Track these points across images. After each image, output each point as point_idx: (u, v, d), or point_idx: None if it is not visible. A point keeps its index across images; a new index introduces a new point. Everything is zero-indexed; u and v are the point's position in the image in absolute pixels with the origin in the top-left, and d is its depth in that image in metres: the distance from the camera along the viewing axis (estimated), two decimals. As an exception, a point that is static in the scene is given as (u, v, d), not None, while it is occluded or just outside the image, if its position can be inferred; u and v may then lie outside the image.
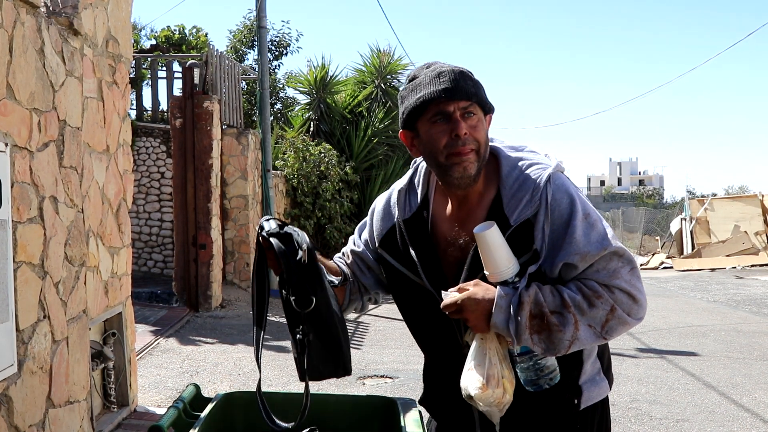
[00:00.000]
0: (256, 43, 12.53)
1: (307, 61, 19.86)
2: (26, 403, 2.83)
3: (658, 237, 22.49)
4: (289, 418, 1.73)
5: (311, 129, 13.92)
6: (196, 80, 8.84)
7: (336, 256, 1.96)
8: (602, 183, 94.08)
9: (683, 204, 19.92)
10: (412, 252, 1.71)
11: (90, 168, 3.77)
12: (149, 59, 11.14)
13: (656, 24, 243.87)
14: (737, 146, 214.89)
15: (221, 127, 9.53)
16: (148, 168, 9.99)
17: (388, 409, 1.72)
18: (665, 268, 17.66)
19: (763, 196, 17.81)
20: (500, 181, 1.65)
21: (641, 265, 19.16)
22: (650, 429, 4.69)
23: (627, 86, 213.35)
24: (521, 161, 1.66)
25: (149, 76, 10.99)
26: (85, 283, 3.57)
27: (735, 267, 16.29)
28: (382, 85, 14.67)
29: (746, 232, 17.24)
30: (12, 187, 2.74)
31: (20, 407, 2.77)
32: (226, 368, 6.01)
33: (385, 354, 6.68)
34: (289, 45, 16.18)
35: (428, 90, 1.61)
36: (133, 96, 10.83)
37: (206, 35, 14.39)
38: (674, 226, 19.65)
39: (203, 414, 1.64)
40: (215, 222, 8.96)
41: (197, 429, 1.54)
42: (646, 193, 63.66)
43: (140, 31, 14.43)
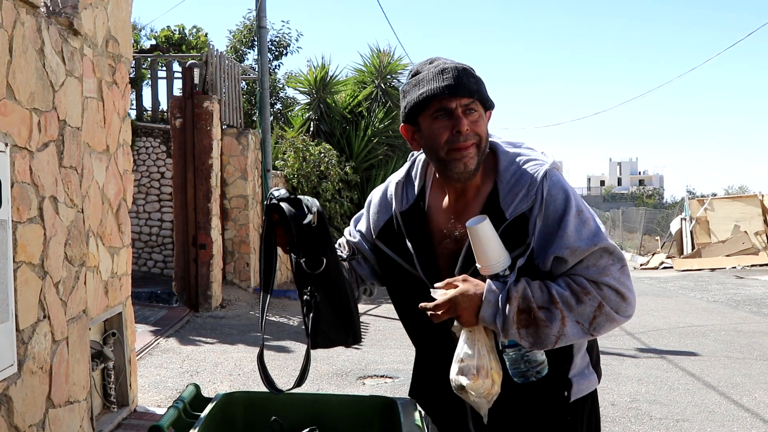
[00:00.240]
0: (256, 43, 12.54)
1: (307, 61, 19.89)
2: (26, 403, 2.83)
3: (658, 237, 22.48)
4: (289, 418, 1.73)
5: (311, 129, 13.92)
6: (196, 80, 8.84)
7: None
8: (602, 183, 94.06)
9: (683, 204, 19.91)
10: (409, 243, 1.73)
11: (90, 168, 3.77)
12: (149, 59, 11.15)
13: (656, 24, 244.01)
14: (737, 146, 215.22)
15: (221, 127, 9.53)
16: (148, 168, 10.00)
17: (388, 409, 1.72)
18: (665, 268, 17.66)
19: (763, 196, 17.81)
20: (497, 176, 1.67)
21: (641, 265, 19.19)
22: (650, 429, 4.68)
23: (627, 86, 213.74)
24: (519, 157, 1.68)
25: (149, 76, 10.99)
26: (85, 283, 3.57)
27: (735, 267, 16.29)
28: (382, 85, 14.67)
29: (746, 232, 17.25)
30: (12, 187, 2.74)
31: (20, 407, 2.77)
32: (226, 368, 6.01)
33: (385, 354, 6.68)
34: (289, 45, 16.20)
35: (431, 86, 1.62)
36: (133, 96, 10.84)
37: (206, 35, 14.41)
38: (674, 226, 19.65)
39: (203, 414, 1.64)
40: (215, 222, 8.97)
41: (197, 429, 1.54)
42: (646, 193, 63.63)
43: (140, 31, 14.44)
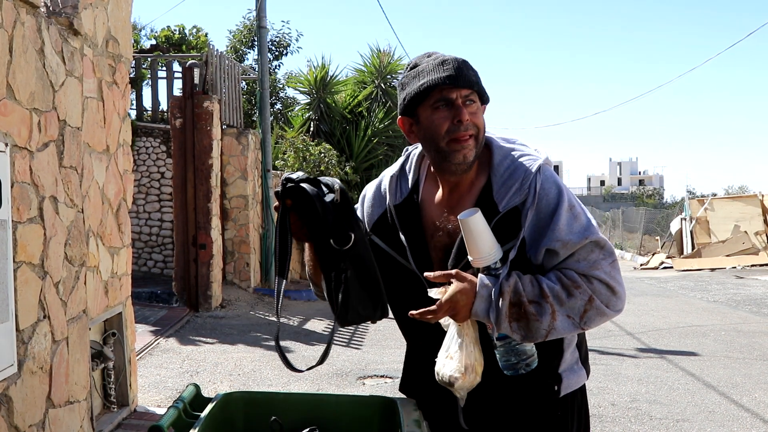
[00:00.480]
0: (256, 43, 12.54)
1: (307, 61, 19.91)
2: (26, 403, 2.83)
3: (658, 237, 22.47)
4: (290, 418, 1.73)
5: (311, 129, 13.93)
6: (196, 80, 8.85)
7: None
8: (602, 183, 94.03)
9: (683, 204, 19.90)
10: (402, 236, 1.74)
11: (90, 168, 3.77)
12: (149, 59, 11.15)
13: (656, 24, 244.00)
14: (737, 146, 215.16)
15: (221, 127, 9.53)
16: (148, 168, 10.00)
17: (388, 409, 1.72)
18: (665, 268, 17.65)
19: (763, 196, 17.80)
20: (491, 170, 1.70)
21: (641, 265, 19.19)
22: (650, 429, 4.69)
23: (627, 86, 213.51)
24: (513, 151, 1.71)
25: (149, 76, 10.99)
26: (85, 283, 3.57)
27: (735, 267, 16.28)
28: (382, 85, 14.68)
29: (746, 232, 17.24)
30: (12, 187, 2.74)
31: (20, 407, 2.77)
32: (226, 368, 6.01)
33: (385, 354, 6.68)
34: (289, 45, 16.20)
35: (432, 76, 1.65)
36: (133, 96, 10.84)
37: (206, 35, 14.41)
38: (674, 226, 19.64)
39: (203, 414, 1.64)
40: (215, 222, 8.97)
41: (197, 429, 1.54)
42: (646, 193, 63.57)
43: (140, 31, 14.44)
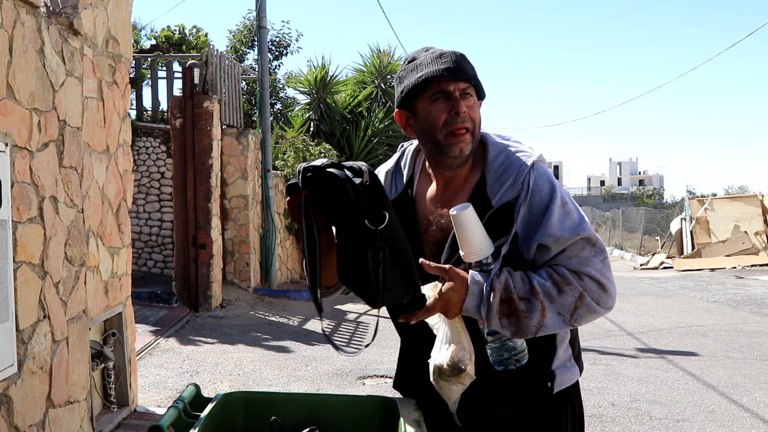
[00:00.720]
0: (256, 43, 12.54)
1: (307, 61, 19.90)
2: (26, 403, 2.83)
3: (658, 237, 22.47)
4: (290, 419, 1.73)
5: (311, 129, 13.93)
6: (196, 80, 8.84)
7: None
8: (602, 183, 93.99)
9: (683, 204, 19.90)
10: None
11: (90, 168, 3.77)
12: (149, 59, 11.15)
13: (656, 24, 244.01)
14: (737, 146, 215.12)
15: (221, 127, 9.53)
16: (148, 168, 10.00)
17: (388, 409, 1.72)
18: (665, 268, 17.65)
19: (763, 196, 17.80)
20: (486, 165, 1.71)
21: (641, 265, 19.19)
22: (650, 429, 4.68)
23: (627, 86, 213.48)
24: (508, 147, 1.73)
25: (149, 76, 10.99)
26: (85, 283, 3.57)
27: (735, 267, 16.28)
28: (382, 85, 14.68)
29: (746, 232, 17.24)
30: (12, 187, 2.74)
31: (20, 407, 2.77)
32: (226, 368, 6.01)
33: (385, 354, 6.68)
34: (289, 45, 16.19)
35: (430, 69, 1.66)
36: (133, 96, 10.84)
37: (206, 35, 14.40)
38: (674, 226, 19.64)
39: (203, 414, 1.64)
40: (215, 222, 8.97)
41: (197, 429, 1.54)
42: (646, 193, 63.52)
43: (140, 31, 14.43)
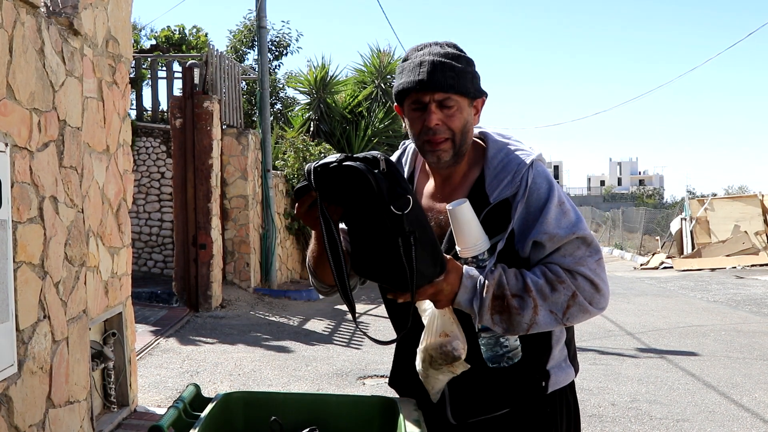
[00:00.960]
0: (256, 43, 12.54)
1: (307, 61, 19.89)
2: (26, 403, 2.83)
3: (658, 237, 22.46)
4: (290, 419, 1.73)
5: (311, 129, 13.92)
6: (196, 80, 8.84)
7: None
8: (602, 183, 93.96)
9: (683, 204, 19.89)
10: None
11: (90, 168, 3.77)
12: (149, 59, 11.15)
13: (656, 24, 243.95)
14: (737, 146, 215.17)
15: (221, 127, 9.53)
16: (148, 168, 10.00)
17: (388, 409, 1.72)
18: (665, 268, 17.65)
19: (763, 196, 17.80)
20: (485, 162, 1.72)
21: (641, 265, 19.19)
22: (650, 429, 4.68)
23: (627, 86, 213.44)
24: (507, 146, 1.74)
25: (149, 76, 10.99)
26: (85, 283, 3.57)
27: (735, 267, 16.28)
28: (382, 85, 14.67)
29: (746, 232, 17.24)
30: (12, 187, 2.74)
31: (20, 407, 2.77)
32: (226, 368, 6.01)
33: (385, 354, 6.68)
34: (289, 45, 16.19)
35: (407, 79, 1.66)
36: (133, 96, 10.84)
37: (206, 35, 14.40)
38: (674, 226, 19.64)
39: (203, 414, 1.64)
40: (215, 222, 8.97)
41: (197, 429, 1.54)
42: (646, 193, 63.50)
43: (140, 31, 14.43)
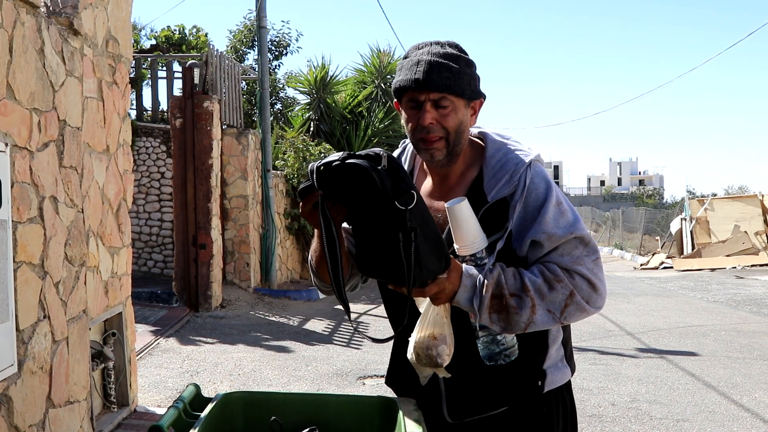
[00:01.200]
0: (256, 43, 12.54)
1: (307, 61, 19.91)
2: (26, 403, 2.83)
3: (658, 237, 22.45)
4: (290, 419, 1.73)
5: (311, 129, 13.93)
6: (196, 80, 8.85)
7: None
8: (602, 183, 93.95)
9: (683, 204, 19.89)
10: None
11: (90, 168, 3.77)
12: (149, 59, 11.15)
13: (656, 24, 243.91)
14: (737, 146, 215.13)
15: (221, 127, 9.53)
16: (148, 168, 10.00)
17: (388, 409, 1.72)
18: (665, 268, 17.65)
19: (763, 196, 17.79)
20: (484, 162, 1.73)
21: (641, 265, 19.18)
22: (650, 429, 4.69)
23: (627, 86, 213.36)
24: (506, 145, 1.75)
25: (149, 76, 10.99)
26: (85, 283, 3.57)
27: (735, 267, 16.28)
28: (382, 85, 14.67)
29: (746, 232, 17.24)
30: (12, 187, 2.75)
31: (20, 407, 2.77)
32: (226, 368, 6.01)
33: (385, 354, 6.67)
34: (289, 45, 16.20)
35: (404, 77, 1.67)
36: (133, 96, 10.84)
37: (206, 35, 14.40)
38: (674, 226, 19.63)
39: (203, 414, 1.64)
40: (215, 222, 8.97)
41: (197, 429, 1.54)
42: (646, 193, 63.49)
43: (140, 31, 14.44)
